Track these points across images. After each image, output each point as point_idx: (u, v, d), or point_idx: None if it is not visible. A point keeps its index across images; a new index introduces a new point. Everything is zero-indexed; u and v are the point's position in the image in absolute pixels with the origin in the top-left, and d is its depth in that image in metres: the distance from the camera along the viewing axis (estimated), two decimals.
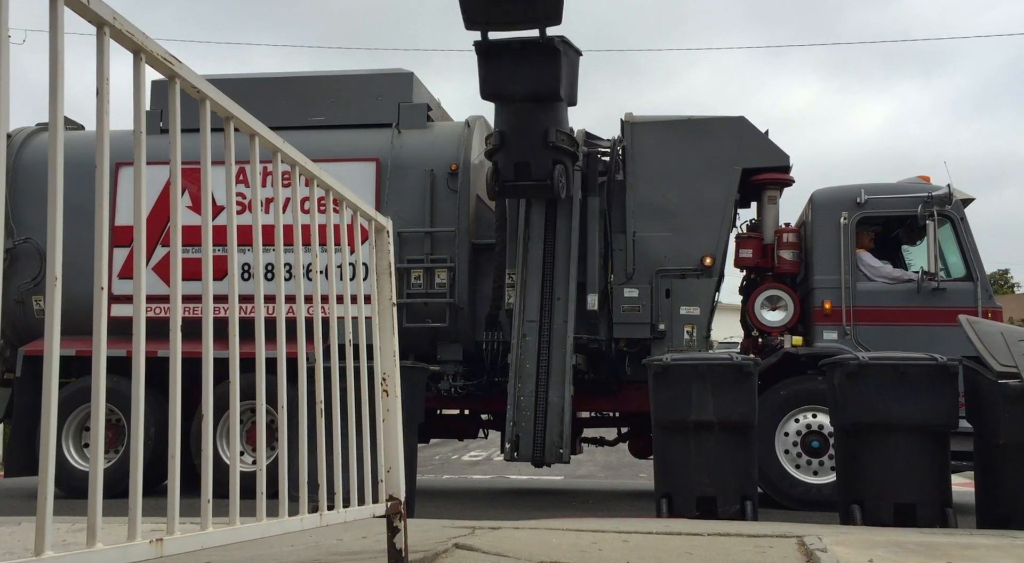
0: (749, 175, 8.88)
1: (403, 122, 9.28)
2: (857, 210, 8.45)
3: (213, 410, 2.04)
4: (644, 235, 8.84)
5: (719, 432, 6.40)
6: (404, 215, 8.88)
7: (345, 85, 9.55)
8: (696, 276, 8.76)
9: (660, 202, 8.84)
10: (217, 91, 2.14)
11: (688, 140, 8.90)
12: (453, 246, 8.90)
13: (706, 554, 4.17)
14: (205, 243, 2.08)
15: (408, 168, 9.04)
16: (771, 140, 8.91)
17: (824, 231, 8.50)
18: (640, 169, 8.91)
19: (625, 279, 8.79)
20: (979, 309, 7.97)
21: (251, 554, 3.34)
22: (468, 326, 8.95)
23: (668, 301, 8.74)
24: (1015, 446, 5.77)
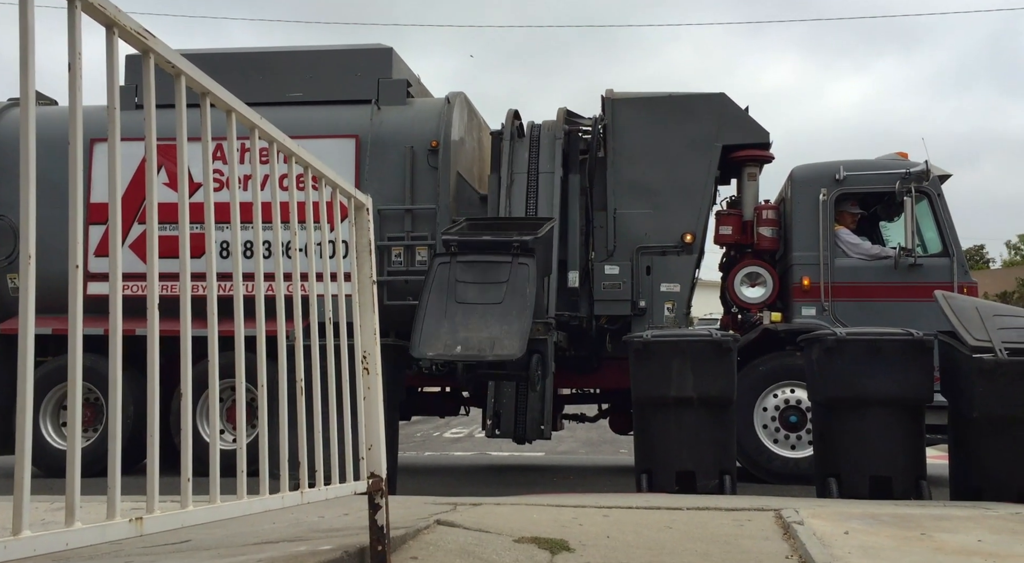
0: (729, 152, 8.90)
1: (383, 98, 9.20)
2: (836, 187, 8.50)
3: (192, 389, 2.03)
4: (625, 212, 8.85)
5: (698, 408, 6.46)
6: (384, 192, 8.82)
7: (323, 60, 9.44)
8: (676, 253, 8.79)
9: (641, 179, 8.85)
10: (192, 66, 2.11)
11: (669, 117, 8.90)
12: (434, 223, 8.86)
13: (685, 528, 4.22)
14: (182, 221, 2.06)
15: (388, 145, 8.97)
16: (751, 117, 8.93)
17: (803, 207, 8.54)
18: (621, 146, 8.90)
19: (606, 256, 8.81)
20: (955, 284, 8.06)
21: (232, 532, 3.35)
22: None
23: (649, 278, 8.78)
24: (989, 419, 5.87)
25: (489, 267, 6.66)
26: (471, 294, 6.63)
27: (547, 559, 3.47)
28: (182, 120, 2.09)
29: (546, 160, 8.95)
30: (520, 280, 6.61)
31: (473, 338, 6.48)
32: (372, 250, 3.15)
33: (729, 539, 3.93)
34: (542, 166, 8.94)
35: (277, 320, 2.50)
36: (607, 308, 8.79)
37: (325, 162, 3.00)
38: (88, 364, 2.26)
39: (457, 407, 10.08)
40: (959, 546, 3.74)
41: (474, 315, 6.57)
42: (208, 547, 3.01)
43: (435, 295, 6.68)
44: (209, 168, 2.22)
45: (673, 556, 3.58)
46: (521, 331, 6.49)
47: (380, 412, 3.00)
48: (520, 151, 9.03)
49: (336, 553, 2.67)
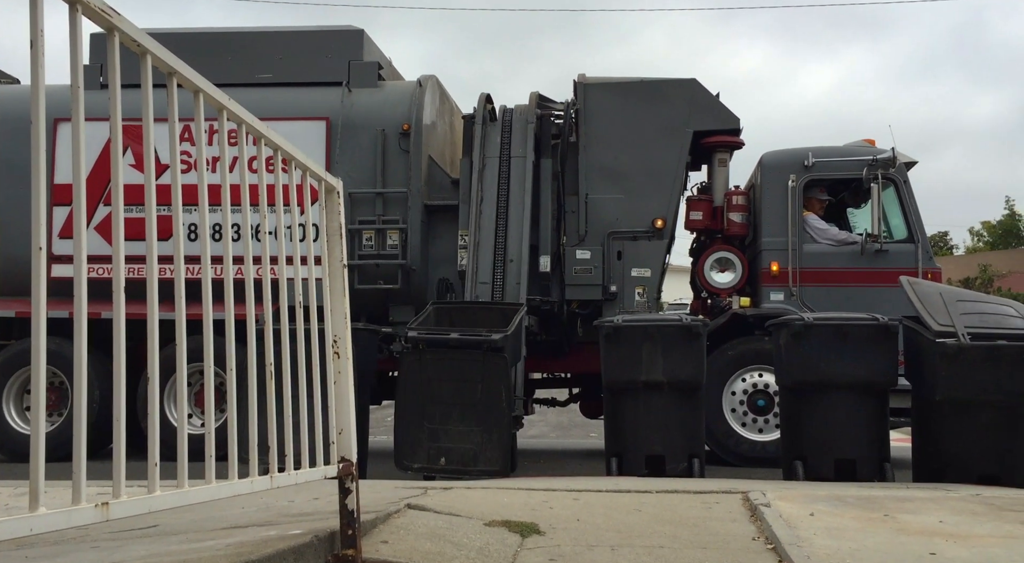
0: (700, 137, 8.94)
1: (353, 81, 9.11)
2: (804, 173, 8.58)
3: (160, 373, 2.01)
4: (596, 197, 8.87)
5: (668, 392, 6.52)
6: (355, 176, 8.75)
7: (293, 42, 9.33)
8: (647, 238, 8.84)
9: (612, 164, 8.87)
10: (159, 45, 2.07)
11: (641, 102, 8.92)
12: (405, 207, 8.82)
13: (654, 511, 4.27)
14: (148, 203, 2.02)
15: (359, 128, 8.90)
16: (722, 103, 8.97)
17: (772, 193, 8.62)
18: (593, 130, 8.91)
19: (577, 241, 8.83)
20: (919, 270, 8.18)
21: (201, 517, 3.33)
22: (421, 288, 8.91)
23: (620, 263, 8.82)
24: (951, 403, 5.98)
25: (461, 363, 6.60)
26: (446, 392, 6.60)
27: (517, 542, 3.49)
28: (148, 100, 2.05)
29: (518, 144, 8.93)
30: (494, 378, 6.56)
31: (455, 450, 6.52)
32: (343, 234, 3.13)
33: (697, 521, 3.98)
34: (514, 150, 8.92)
35: (246, 304, 2.48)
36: (578, 293, 8.82)
37: (295, 145, 2.97)
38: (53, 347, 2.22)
39: None
40: (921, 527, 3.82)
41: (452, 417, 6.57)
42: (176, 532, 2.99)
43: (410, 396, 6.66)
44: (176, 150, 2.18)
45: (642, 538, 3.62)
46: (502, 443, 6.52)
47: (351, 396, 2.99)
48: (492, 135, 8.99)
49: (306, 537, 2.66)
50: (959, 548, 3.39)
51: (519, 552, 3.36)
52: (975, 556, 3.26)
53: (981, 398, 5.91)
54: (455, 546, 3.22)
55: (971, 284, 27.56)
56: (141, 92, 2.04)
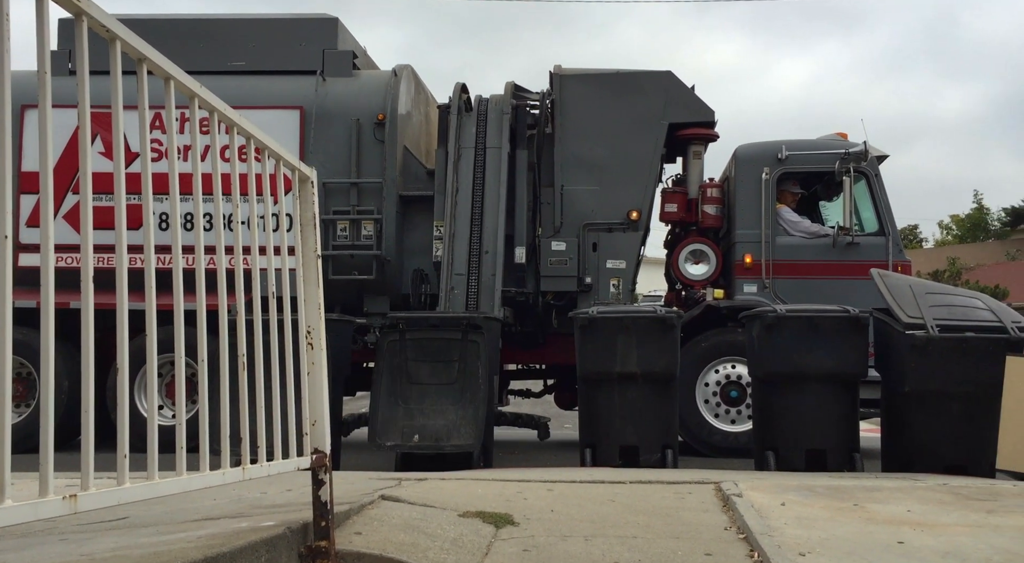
0: (675, 130, 8.97)
1: (328, 70, 9.03)
2: (778, 166, 8.65)
3: (130, 363, 1.98)
4: (572, 189, 8.88)
5: (642, 383, 6.56)
6: (329, 165, 8.69)
7: (267, 29, 9.21)
8: (623, 230, 8.86)
9: (588, 155, 8.88)
10: (129, 31, 2.03)
11: (616, 94, 8.93)
12: (380, 197, 8.77)
13: (628, 501, 4.30)
14: (118, 191, 2.00)
15: (333, 117, 8.83)
16: (697, 95, 9.01)
17: (746, 186, 8.68)
18: (568, 122, 8.91)
19: (553, 232, 8.84)
20: (890, 263, 8.29)
21: (171, 509, 3.30)
22: (395, 278, 8.88)
23: (595, 254, 8.84)
24: (919, 394, 6.07)
25: (439, 345, 6.63)
26: (424, 374, 6.63)
27: (492, 533, 3.50)
28: (117, 87, 2.02)
29: (494, 135, 8.91)
30: (471, 359, 6.59)
31: (430, 426, 6.52)
32: (317, 224, 3.11)
33: (670, 511, 4.01)
34: (489, 141, 8.89)
35: (218, 294, 2.45)
36: (553, 284, 8.83)
37: (269, 134, 2.94)
38: (19, 337, 2.18)
39: None
40: (890, 516, 3.87)
41: (428, 397, 6.59)
42: (146, 524, 2.96)
43: (388, 376, 6.65)
44: (147, 138, 2.15)
45: (616, 529, 3.64)
46: (476, 419, 6.51)
47: (324, 388, 2.97)
48: (468, 125, 8.96)
49: (279, 529, 2.65)
50: (926, 537, 3.45)
51: (493, 543, 3.37)
52: (942, 544, 3.31)
53: (949, 389, 6.00)
54: (429, 537, 3.22)
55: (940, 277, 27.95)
56: (110, 78, 2.01)
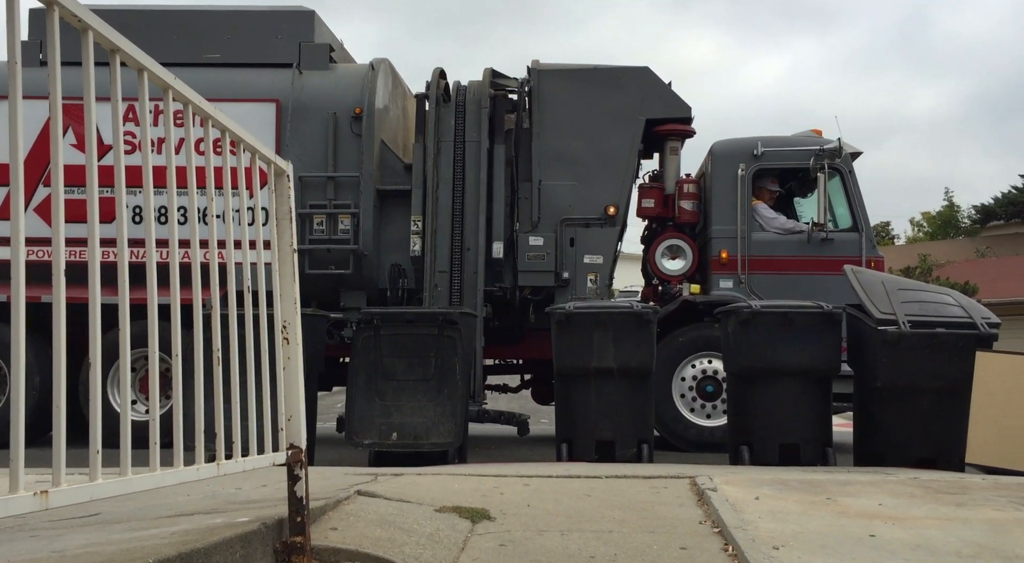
0: (652, 126, 8.99)
1: (304, 63, 8.96)
2: (754, 162, 8.71)
3: (103, 358, 1.96)
4: (549, 183, 8.88)
5: (618, 378, 6.58)
6: (306, 159, 8.63)
7: (242, 21, 9.12)
8: (600, 225, 8.87)
9: (565, 150, 8.87)
10: (101, 21, 2.00)
11: (594, 89, 8.93)
12: (357, 192, 8.73)
13: (604, 496, 4.31)
14: (90, 184, 1.97)
15: (310, 110, 8.77)
16: (674, 91, 9.03)
17: (722, 182, 8.73)
18: (546, 117, 8.91)
19: (530, 227, 8.83)
20: (863, 259, 8.38)
21: (144, 505, 3.27)
22: (372, 273, 8.84)
23: (572, 249, 8.84)
24: (891, 389, 6.15)
25: (415, 341, 6.59)
26: (399, 369, 6.58)
27: (468, 528, 3.50)
28: (90, 79, 1.99)
29: (472, 128, 8.88)
30: (448, 355, 6.56)
31: (407, 423, 6.48)
32: (293, 218, 3.09)
33: (646, 506, 4.04)
34: (468, 135, 8.87)
35: (192, 288, 2.43)
36: (531, 279, 8.83)
37: (244, 127, 2.91)
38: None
39: None
40: (861, 509, 3.92)
41: (404, 393, 6.55)
42: (119, 520, 2.93)
43: (363, 373, 6.60)
44: (120, 130, 2.13)
45: (592, 523, 3.66)
46: (455, 416, 6.50)
47: (300, 383, 2.96)
48: (446, 117, 8.93)
49: (253, 525, 2.63)
50: (897, 530, 3.49)
51: (469, 538, 3.37)
52: (913, 537, 3.36)
53: (920, 384, 6.08)
54: (405, 532, 3.22)
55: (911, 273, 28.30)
56: (82, 70, 1.98)
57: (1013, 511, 3.91)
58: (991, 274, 28.23)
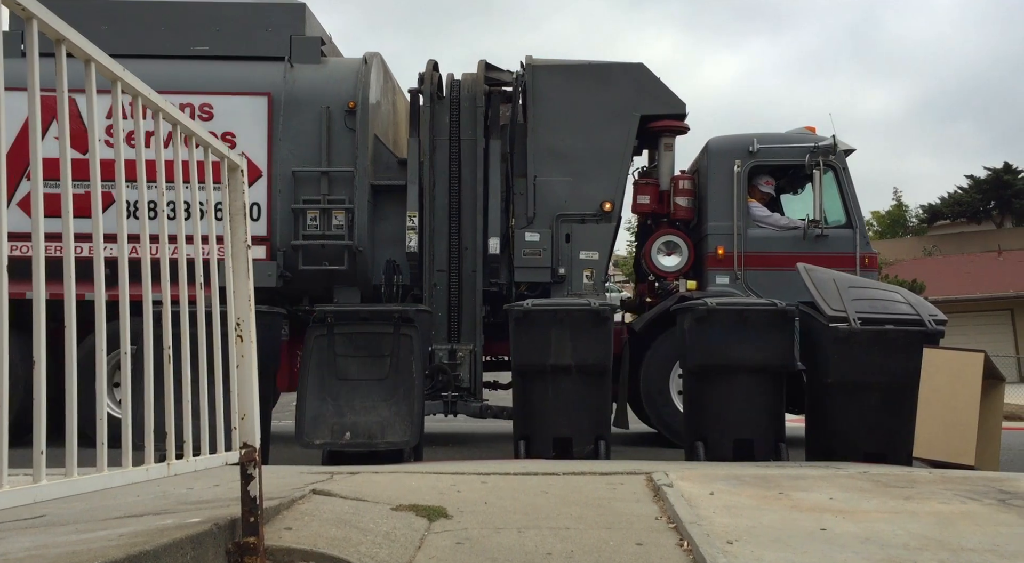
0: (646, 122, 8.95)
1: (295, 56, 8.82)
2: (749, 158, 8.74)
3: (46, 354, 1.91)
4: (545, 179, 8.81)
5: (576, 375, 6.60)
6: (298, 153, 8.55)
7: (232, 13, 8.94)
8: (595, 221, 8.81)
9: (560, 146, 8.81)
10: (46, 10, 1.95)
11: (588, 84, 8.88)
12: (351, 187, 8.61)
13: (561, 492, 4.32)
14: (35, 177, 1.91)
15: (303, 104, 8.64)
16: (668, 87, 8.98)
17: (718, 179, 8.74)
18: (540, 113, 8.84)
19: (525, 223, 8.76)
20: (857, 255, 8.47)
21: (93, 506, 3.19)
22: (367, 269, 8.74)
23: (568, 245, 8.78)
24: (842, 385, 6.26)
25: (370, 339, 6.49)
26: (353, 369, 6.48)
27: (425, 526, 3.48)
28: (34, 69, 1.93)
29: (468, 126, 8.83)
30: (404, 353, 6.49)
31: (361, 423, 6.38)
32: (246, 213, 3.04)
33: (603, 502, 4.06)
34: (463, 132, 8.82)
35: (142, 284, 2.38)
36: (527, 275, 8.75)
37: (236, 120, 2.88)
38: None
39: None
40: (813, 504, 3.99)
41: (358, 393, 6.45)
42: (65, 522, 2.86)
43: (315, 373, 6.49)
44: (65, 123, 2.07)
45: (549, 520, 3.66)
46: (411, 415, 6.44)
47: (254, 381, 2.91)
48: (441, 114, 8.87)
49: (205, 525, 2.59)
50: (848, 523, 3.56)
51: (426, 536, 3.35)
52: (862, 531, 3.43)
53: (869, 380, 6.20)
54: (361, 531, 3.19)
55: None
56: (27, 61, 1.92)
57: (959, 504, 4.00)
58: (938, 272, 28.95)
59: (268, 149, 8.52)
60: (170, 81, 8.41)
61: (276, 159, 8.54)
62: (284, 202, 8.55)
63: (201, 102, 8.35)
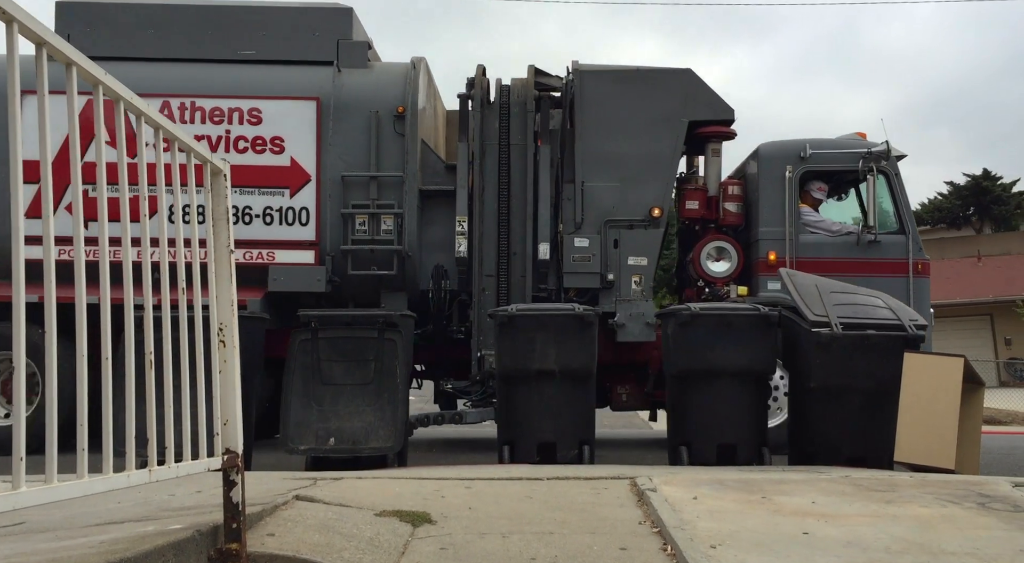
0: (693, 128, 8.91)
1: (343, 60, 8.79)
2: (801, 164, 8.69)
3: None
4: (592, 185, 8.76)
5: (560, 381, 6.61)
6: (347, 158, 8.52)
7: (278, 17, 8.91)
8: (644, 227, 8.74)
9: (608, 152, 8.76)
10: (27, 13, 1.93)
11: (636, 90, 8.84)
12: (401, 192, 8.58)
13: (545, 498, 4.32)
14: (14, 180, 1.90)
15: (351, 109, 8.61)
16: (717, 93, 8.94)
17: (769, 184, 8.68)
18: (588, 118, 8.78)
19: (574, 228, 8.70)
20: (910, 261, 8.46)
21: (73, 513, 3.16)
22: (415, 274, 8.69)
23: (616, 251, 8.71)
24: (823, 389, 6.30)
25: (355, 343, 6.47)
26: (337, 374, 6.45)
27: (409, 532, 3.48)
28: (15, 71, 1.92)
29: (517, 131, 8.82)
30: (388, 358, 6.46)
31: (346, 428, 6.36)
32: (229, 218, 3.02)
33: (587, 507, 4.06)
34: (513, 137, 8.80)
35: (124, 288, 2.36)
36: (576, 281, 8.68)
37: (286, 125, 2.87)
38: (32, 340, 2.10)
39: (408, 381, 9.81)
40: (795, 508, 4.01)
41: (343, 398, 6.42)
42: (45, 529, 2.83)
43: (299, 377, 6.46)
44: (46, 126, 2.05)
45: (533, 525, 3.66)
46: (395, 420, 6.41)
47: (237, 386, 2.90)
48: (490, 119, 8.85)
49: (187, 532, 2.57)
50: (830, 527, 3.58)
51: (410, 542, 3.34)
52: (844, 534, 3.45)
53: (851, 384, 6.24)
54: (345, 537, 3.18)
55: None
56: (7, 63, 1.91)
57: (939, 508, 4.03)
58: None
59: (317, 154, 8.48)
60: (218, 85, 8.45)
61: (325, 164, 8.51)
62: (334, 207, 8.49)
63: (250, 107, 8.33)
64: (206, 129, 8.31)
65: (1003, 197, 38.29)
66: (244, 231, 8.30)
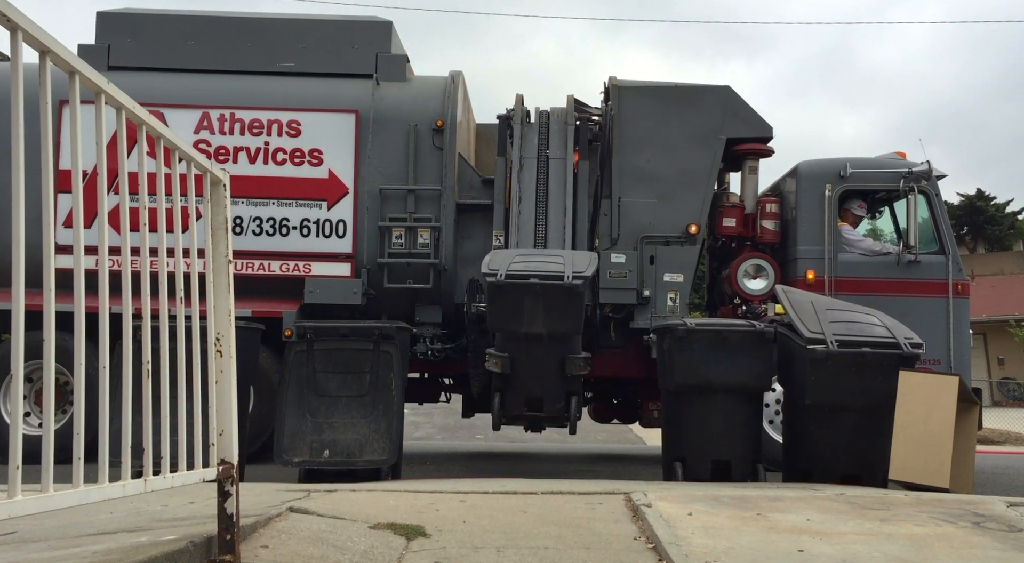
0: (731, 145, 8.90)
1: (381, 74, 8.82)
2: (841, 183, 8.62)
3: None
4: (629, 201, 8.74)
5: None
6: (385, 171, 8.52)
7: (318, 30, 8.95)
8: (680, 243, 8.71)
9: (645, 168, 8.76)
10: (31, 21, 1.94)
11: (674, 107, 8.84)
12: (438, 205, 8.57)
13: (540, 512, 4.31)
14: (16, 190, 1.90)
15: (390, 122, 8.62)
16: (755, 111, 8.93)
17: (808, 202, 8.60)
18: (625, 133, 8.78)
19: (610, 244, 8.68)
20: (950, 281, 8.36)
21: (66, 523, 3.15)
22: (450, 288, 8.66)
23: (652, 267, 8.68)
24: (819, 406, 6.29)
25: (350, 356, 6.46)
26: (332, 385, 6.43)
27: (403, 545, 3.46)
28: (18, 80, 1.93)
29: (557, 145, 8.83)
30: (384, 370, 6.46)
31: (340, 440, 6.33)
32: (228, 228, 3.02)
33: (581, 522, 4.05)
34: (552, 152, 8.80)
35: (122, 297, 2.36)
36: (613, 296, 8.61)
37: (324, 136, 2.89)
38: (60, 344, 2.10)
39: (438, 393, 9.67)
40: (790, 525, 4.00)
41: (337, 410, 6.40)
42: (38, 539, 2.82)
43: (293, 388, 6.44)
44: (48, 134, 2.06)
45: (528, 540, 3.65)
46: (390, 432, 6.39)
47: (233, 397, 2.89)
48: (529, 136, 8.86)
49: (181, 543, 2.55)
50: (824, 545, 3.57)
51: (404, 555, 3.33)
52: (839, 552, 3.44)
53: (846, 402, 6.24)
54: (338, 550, 3.16)
55: None
56: (11, 70, 1.92)
57: (934, 526, 4.03)
58: None
59: (355, 166, 8.48)
60: (257, 97, 8.46)
61: (363, 176, 8.49)
62: (371, 219, 8.48)
63: (289, 119, 8.35)
64: (245, 141, 8.34)
65: (996, 217, 38.49)
66: (281, 243, 8.35)
